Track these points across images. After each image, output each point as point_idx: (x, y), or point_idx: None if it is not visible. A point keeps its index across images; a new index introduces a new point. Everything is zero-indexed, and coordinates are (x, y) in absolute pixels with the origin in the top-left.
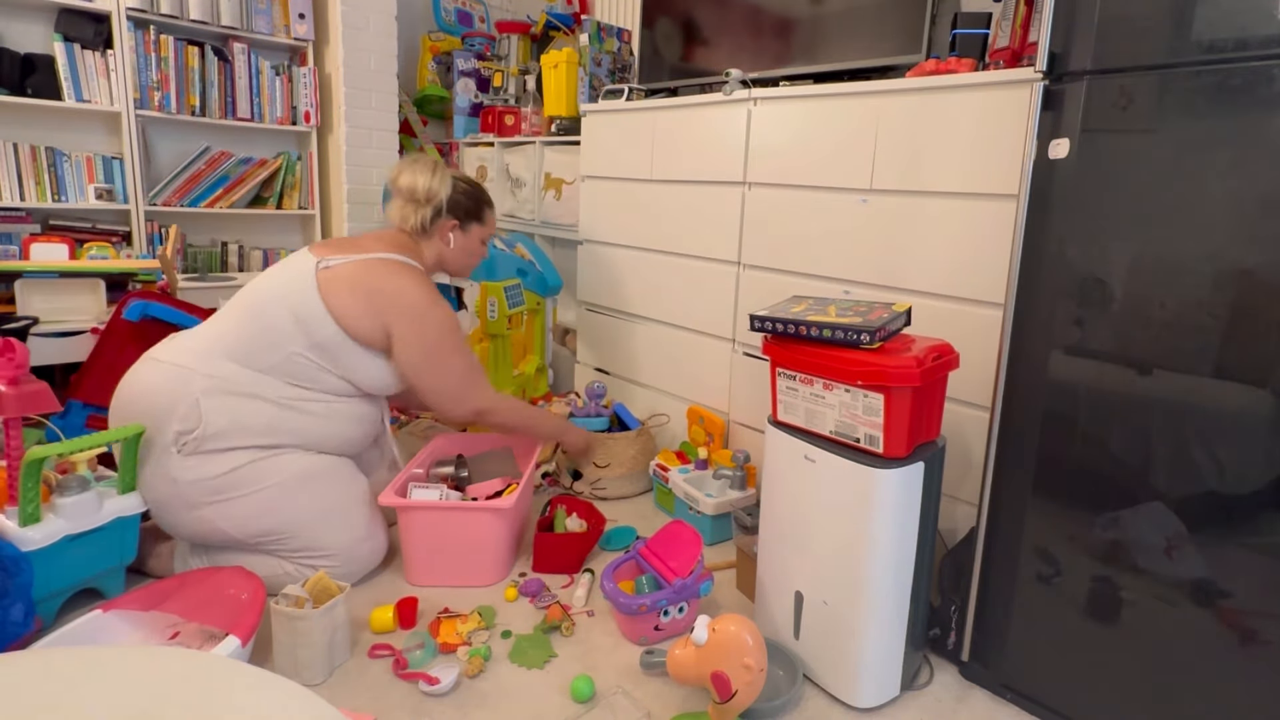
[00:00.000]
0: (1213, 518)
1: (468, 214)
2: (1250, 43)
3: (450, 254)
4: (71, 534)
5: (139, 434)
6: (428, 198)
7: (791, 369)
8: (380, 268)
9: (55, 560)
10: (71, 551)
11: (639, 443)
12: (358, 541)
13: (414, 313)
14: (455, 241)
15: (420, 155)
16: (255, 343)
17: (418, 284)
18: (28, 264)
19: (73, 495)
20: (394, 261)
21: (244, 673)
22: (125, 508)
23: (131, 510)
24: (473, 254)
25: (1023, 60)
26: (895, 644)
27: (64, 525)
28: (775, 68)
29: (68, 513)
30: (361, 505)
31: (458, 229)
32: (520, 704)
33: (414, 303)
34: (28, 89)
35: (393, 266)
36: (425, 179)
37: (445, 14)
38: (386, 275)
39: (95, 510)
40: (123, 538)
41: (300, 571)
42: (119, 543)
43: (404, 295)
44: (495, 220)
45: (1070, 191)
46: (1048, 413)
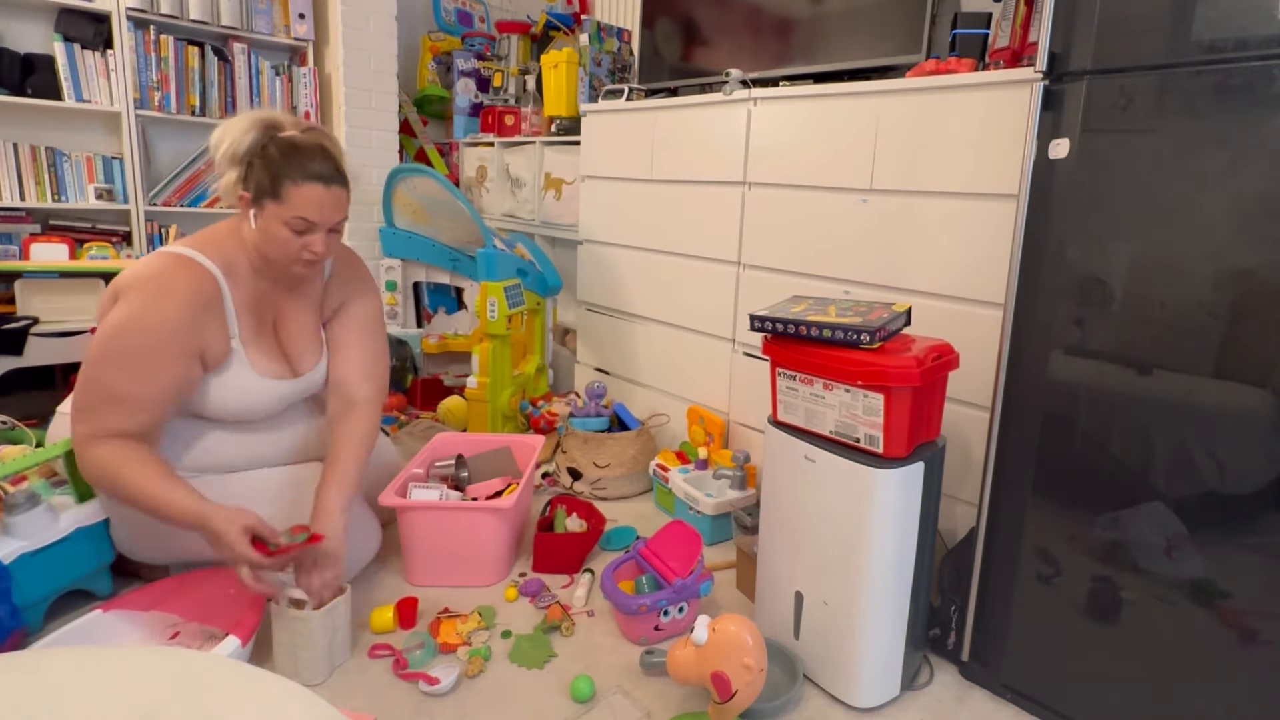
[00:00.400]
0: (1213, 518)
1: (260, 188)
2: (1250, 43)
3: (253, 237)
4: (30, 550)
5: None
6: (227, 155)
7: (791, 369)
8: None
9: (22, 575)
10: (36, 566)
11: (639, 443)
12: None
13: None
14: (255, 221)
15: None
16: None
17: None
18: (28, 264)
19: (22, 513)
20: (161, 253)
21: (244, 673)
22: (85, 517)
23: (93, 518)
24: (277, 241)
25: (1023, 60)
26: (895, 644)
27: (19, 544)
28: (775, 68)
29: (20, 531)
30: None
31: (249, 204)
32: (520, 704)
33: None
34: (28, 89)
35: (155, 257)
36: (223, 130)
37: (445, 14)
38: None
39: (52, 524)
40: (94, 543)
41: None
42: (91, 549)
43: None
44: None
45: (1070, 191)
46: (1048, 413)
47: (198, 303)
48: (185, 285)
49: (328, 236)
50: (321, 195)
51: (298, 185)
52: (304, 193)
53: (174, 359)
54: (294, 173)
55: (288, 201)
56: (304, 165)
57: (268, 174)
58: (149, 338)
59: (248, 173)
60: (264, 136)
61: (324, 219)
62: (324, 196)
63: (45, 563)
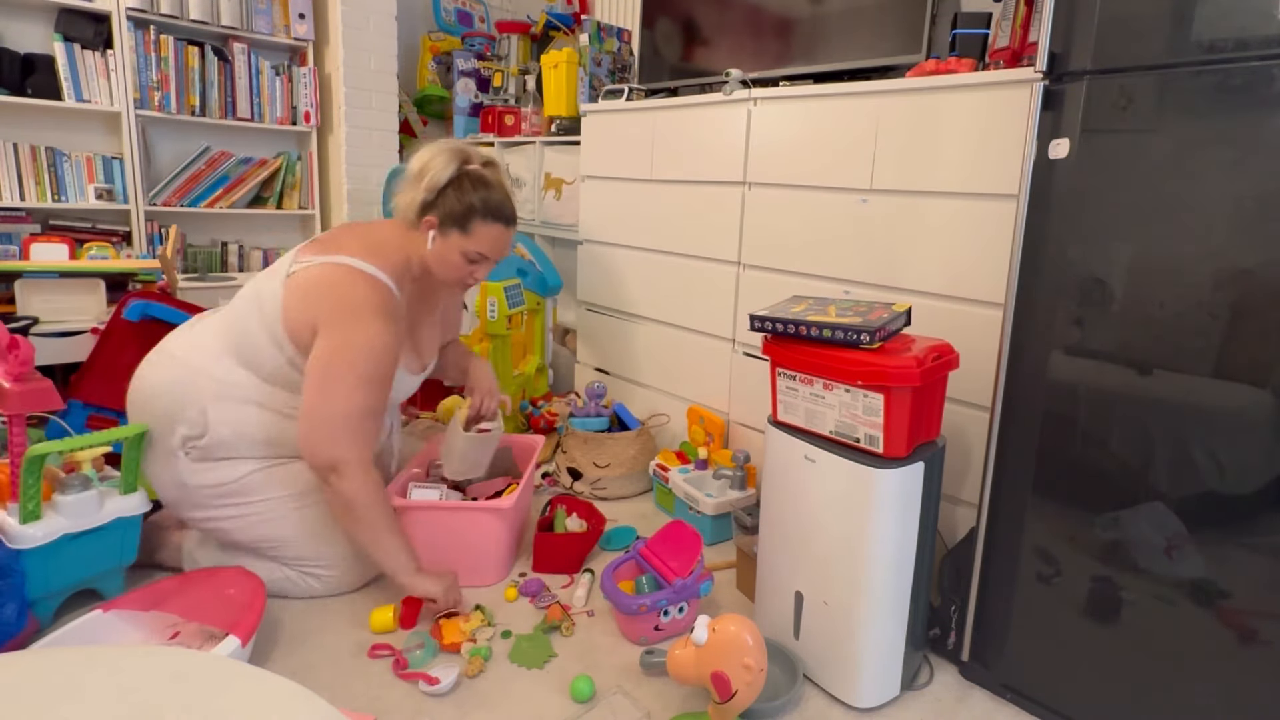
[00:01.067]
0: (1213, 518)
1: (451, 216)
2: (1250, 43)
3: (428, 256)
4: (71, 533)
5: (142, 433)
6: (419, 178)
7: (791, 369)
8: (331, 272)
9: (54, 559)
10: (71, 550)
11: (639, 443)
12: (355, 555)
13: (334, 323)
14: (433, 244)
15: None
16: (248, 351)
17: (356, 297)
18: (28, 264)
19: (74, 494)
20: (347, 268)
21: (244, 673)
22: (126, 508)
23: (133, 511)
24: (450, 265)
25: (1023, 60)
26: (895, 644)
27: (64, 523)
28: (775, 68)
29: (68, 511)
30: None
31: (435, 230)
32: (520, 704)
33: (339, 313)
34: (28, 89)
35: (343, 272)
36: (429, 156)
37: (445, 14)
38: (331, 284)
39: (96, 509)
40: (123, 538)
41: (301, 579)
42: (119, 543)
43: (335, 304)
44: (495, 240)
45: (1070, 191)
46: (1048, 413)
47: (391, 319)
48: (382, 306)
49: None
50: (502, 235)
51: (487, 225)
52: (490, 231)
53: (392, 370)
54: (485, 212)
55: (474, 236)
56: (495, 206)
57: (463, 210)
58: (376, 358)
59: (438, 200)
60: (459, 170)
61: (497, 254)
62: (503, 236)
63: (79, 549)
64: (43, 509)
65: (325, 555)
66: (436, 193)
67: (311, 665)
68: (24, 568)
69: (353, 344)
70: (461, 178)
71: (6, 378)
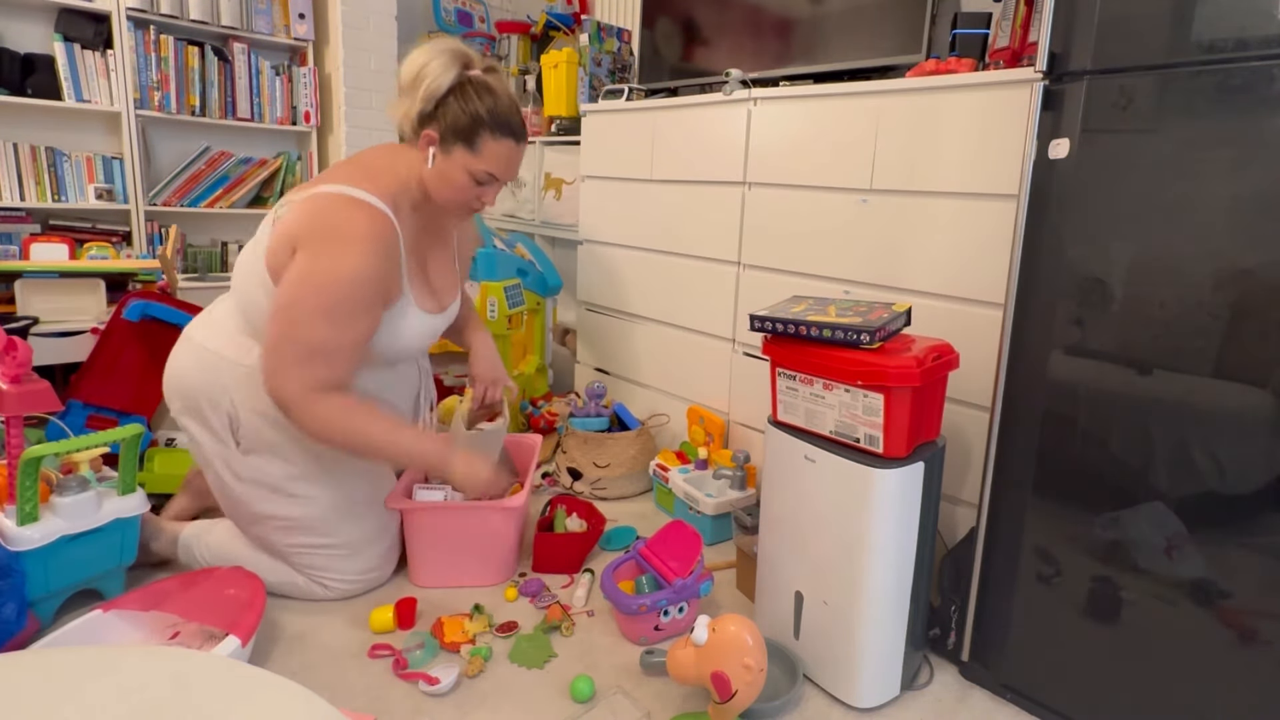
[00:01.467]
0: (1213, 518)
1: (454, 130)
2: (1250, 43)
3: (428, 176)
4: (69, 534)
5: (138, 435)
6: (416, 85)
7: (791, 369)
8: (314, 203)
9: (53, 560)
10: (69, 551)
11: (639, 443)
12: (369, 569)
13: (310, 247)
14: (433, 161)
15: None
16: (257, 320)
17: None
18: (28, 264)
19: (71, 495)
20: (333, 195)
21: (244, 673)
22: (125, 509)
23: (131, 511)
24: (454, 186)
25: (1023, 60)
26: (895, 644)
27: (62, 525)
28: (775, 68)
29: (66, 512)
30: (384, 539)
31: (435, 145)
32: (520, 704)
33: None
34: (28, 89)
35: (327, 200)
36: (425, 58)
37: (445, 14)
38: (312, 211)
39: (94, 510)
40: (122, 539)
41: (309, 585)
42: (118, 544)
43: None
44: (505, 158)
45: (1070, 191)
46: (1048, 413)
47: (381, 250)
48: (369, 233)
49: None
50: (514, 151)
51: (497, 140)
52: (500, 148)
53: (369, 307)
54: (494, 126)
55: (482, 154)
56: (504, 119)
57: (469, 123)
58: (344, 290)
59: (437, 110)
60: (460, 75)
61: (508, 175)
62: (514, 154)
63: (78, 550)
64: (40, 511)
65: (345, 570)
66: (436, 102)
67: (311, 665)
68: (24, 568)
69: (324, 268)
70: (464, 84)
71: (4, 379)
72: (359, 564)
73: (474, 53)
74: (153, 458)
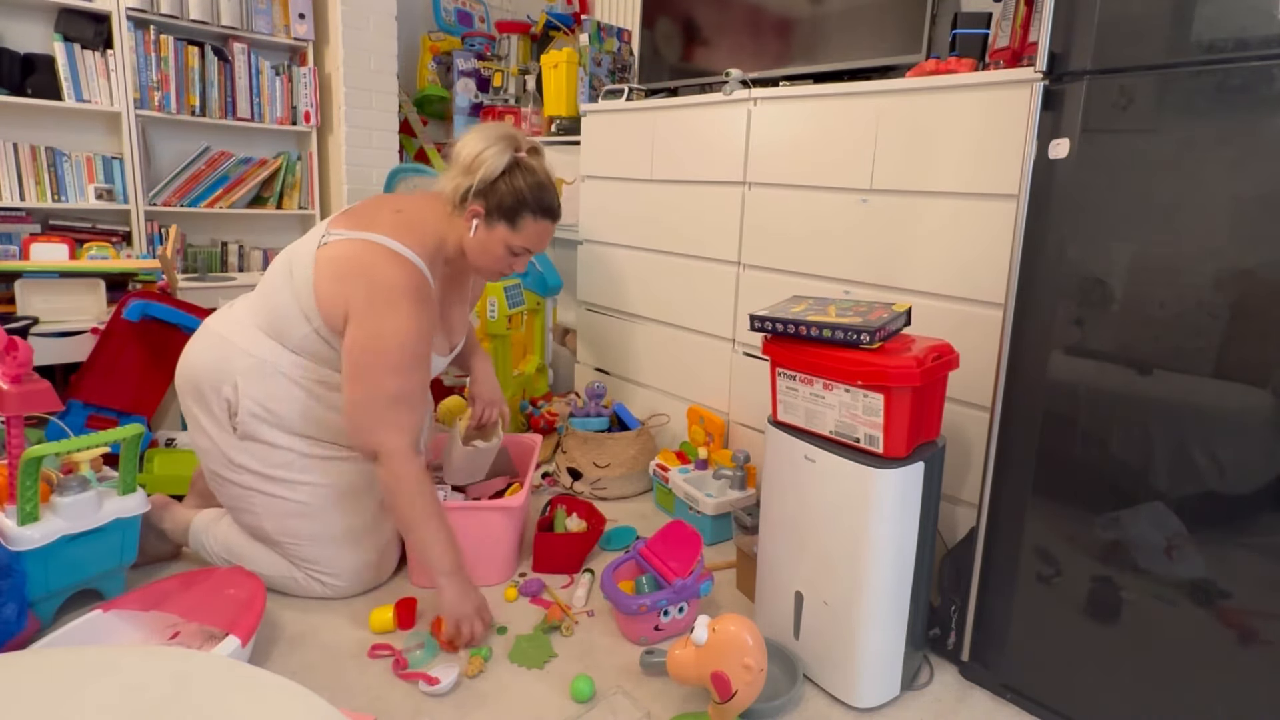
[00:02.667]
0: (1213, 518)
1: (499, 208)
2: (1250, 43)
3: (469, 243)
4: (70, 534)
5: (139, 435)
6: (471, 167)
7: (791, 369)
8: (362, 252)
9: (53, 560)
10: (70, 551)
11: (639, 443)
12: (366, 566)
13: (366, 310)
14: (476, 231)
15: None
16: (279, 322)
17: (388, 281)
18: (28, 264)
19: (72, 495)
20: (379, 247)
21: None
22: (125, 509)
23: (132, 511)
24: (491, 256)
25: (1023, 60)
26: (895, 644)
27: (62, 525)
28: (775, 68)
29: (66, 512)
30: (379, 533)
31: (480, 218)
32: (520, 704)
33: (370, 300)
34: (28, 89)
35: (374, 252)
36: (481, 143)
37: (445, 14)
38: (362, 263)
39: (94, 510)
40: (123, 539)
41: (307, 580)
42: (119, 544)
43: (367, 289)
44: (540, 235)
45: (1070, 191)
46: (1048, 413)
47: (424, 304)
48: (415, 293)
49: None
50: (548, 230)
51: (537, 221)
52: (538, 228)
53: (427, 353)
54: (535, 208)
55: (521, 231)
56: (546, 203)
57: (513, 203)
58: (406, 346)
59: (487, 189)
60: (511, 160)
61: (539, 249)
62: (549, 231)
63: (78, 550)
64: (41, 511)
65: (340, 564)
66: (488, 181)
67: (311, 665)
68: (24, 568)
69: (384, 332)
70: (513, 167)
71: (4, 379)
72: (354, 559)
73: (521, 135)
74: (152, 458)
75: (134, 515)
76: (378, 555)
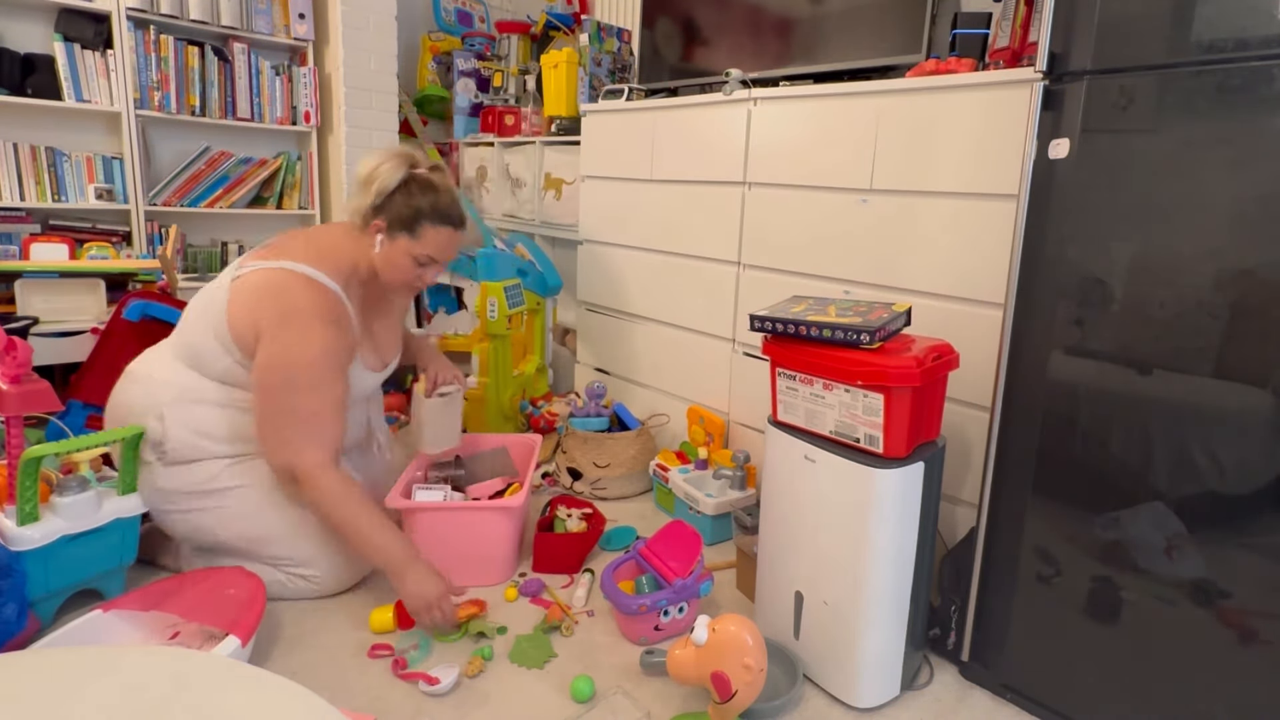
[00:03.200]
0: (1213, 518)
1: (399, 220)
2: (1250, 43)
3: (376, 259)
4: (69, 534)
5: (139, 435)
6: (368, 183)
7: (791, 369)
8: (275, 277)
9: (53, 560)
10: (70, 551)
11: (639, 443)
12: (337, 553)
13: (276, 331)
14: (380, 248)
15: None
16: (197, 355)
17: (297, 303)
18: (28, 264)
19: (71, 495)
20: (291, 273)
21: (244, 673)
22: (125, 509)
23: (131, 511)
24: (398, 268)
25: (1023, 60)
26: (895, 644)
27: (62, 525)
28: (775, 68)
29: (66, 512)
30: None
31: (383, 233)
32: (520, 704)
33: (281, 322)
34: (28, 89)
35: (286, 277)
36: (375, 161)
37: (445, 14)
38: (273, 287)
39: (94, 510)
40: (123, 539)
41: (290, 580)
42: (119, 544)
43: (278, 311)
44: (443, 244)
45: (1070, 191)
46: (1048, 413)
47: (336, 324)
48: (326, 313)
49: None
50: (451, 238)
51: (435, 228)
52: (439, 236)
53: (340, 372)
54: (434, 216)
55: (422, 240)
56: (443, 211)
57: (411, 215)
58: (318, 363)
59: (386, 204)
60: (407, 175)
61: (446, 258)
62: (453, 239)
63: (78, 550)
64: (40, 511)
65: (305, 553)
66: (384, 197)
67: (311, 665)
68: (24, 568)
69: (293, 351)
70: (409, 182)
71: (3, 379)
72: (320, 548)
73: (421, 155)
74: None
75: (134, 515)
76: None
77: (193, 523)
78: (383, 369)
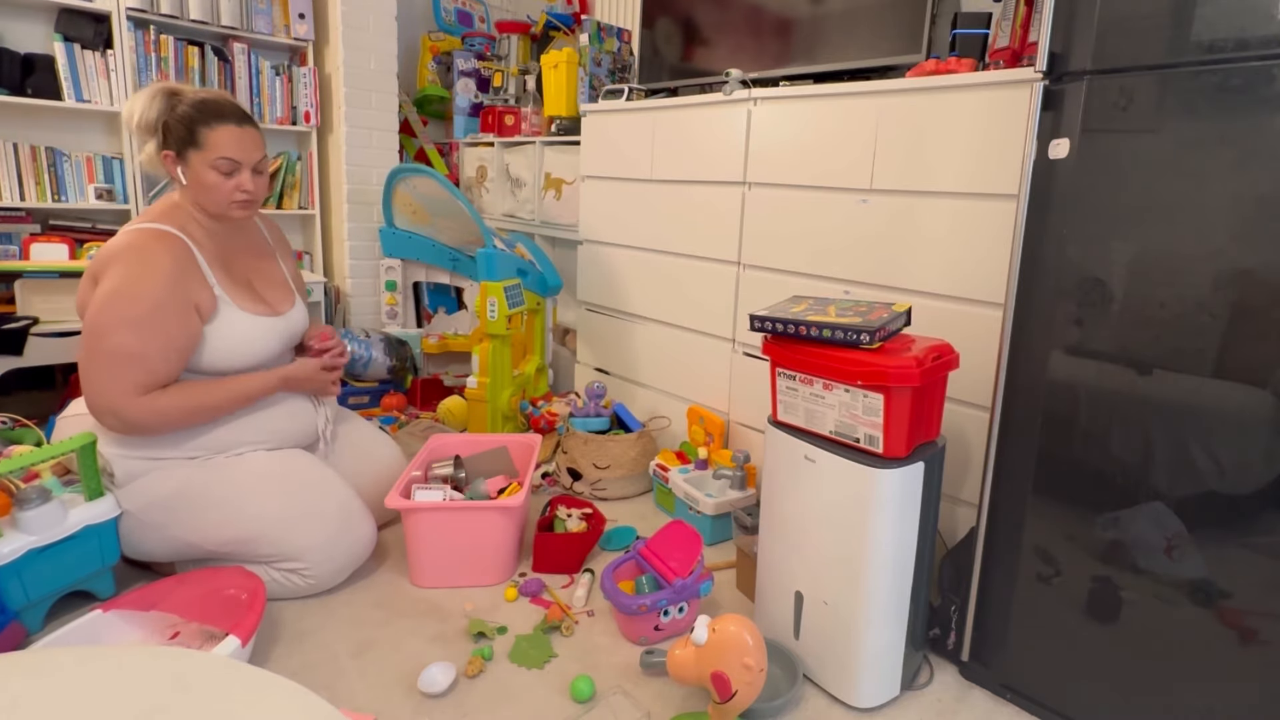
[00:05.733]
0: (1213, 518)
1: (178, 140)
2: (1250, 43)
3: (190, 191)
4: (37, 546)
5: (93, 442)
6: (136, 126)
7: (791, 369)
8: (108, 244)
9: (27, 572)
10: (43, 562)
11: (639, 445)
12: (331, 540)
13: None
14: (185, 177)
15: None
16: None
17: (125, 246)
18: (28, 264)
19: (33, 508)
20: (122, 232)
21: (244, 673)
22: (95, 515)
23: (102, 517)
24: (208, 187)
25: (1023, 60)
26: (895, 644)
27: (28, 539)
28: (775, 68)
29: (29, 526)
30: (329, 498)
31: (175, 161)
32: (520, 704)
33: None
34: (28, 89)
35: (118, 237)
36: (132, 104)
37: (445, 14)
38: (114, 243)
39: (60, 520)
40: (100, 543)
41: (285, 578)
42: (96, 548)
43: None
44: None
45: (1070, 191)
46: (1048, 413)
47: (176, 262)
48: (161, 249)
49: (255, 176)
50: (237, 134)
51: (213, 129)
52: (221, 134)
53: (172, 313)
54: (208, 119)
55: (208, 145)
56: (215, 111)
57: (184, 127)
58: (145, 299)
59: (165, 135)
60: (170, 101)
61: (246, 156)
62: (240, 135)
63: (51, 560)
64: (2, 527)
65: (296, 547)
66: (158, 129)
67: (311, 665)
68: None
69: (115, 286)
70: (176, 105)
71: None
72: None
73: (186, 85)
74: None
75: (106, 520)
76: (336, 525)
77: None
78: (271, 314)
